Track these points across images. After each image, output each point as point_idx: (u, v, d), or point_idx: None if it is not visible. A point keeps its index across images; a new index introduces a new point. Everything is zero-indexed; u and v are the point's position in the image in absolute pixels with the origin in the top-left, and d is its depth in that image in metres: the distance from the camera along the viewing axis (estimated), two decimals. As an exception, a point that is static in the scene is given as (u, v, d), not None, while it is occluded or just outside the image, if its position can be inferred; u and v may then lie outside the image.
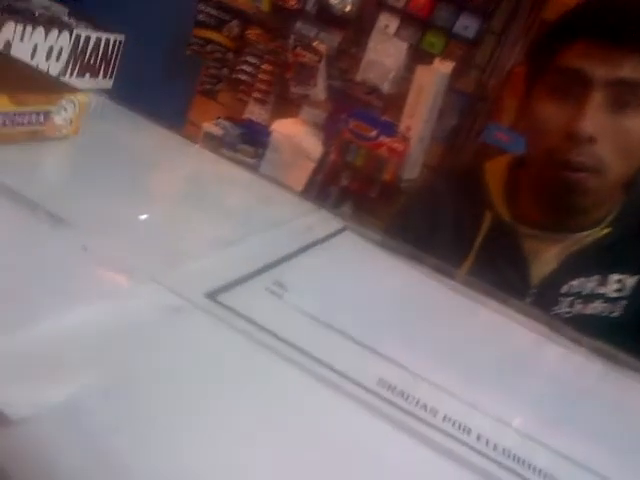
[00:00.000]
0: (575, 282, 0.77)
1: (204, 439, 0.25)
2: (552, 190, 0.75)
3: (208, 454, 0.25)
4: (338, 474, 0.27)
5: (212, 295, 0.35)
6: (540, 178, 0.77)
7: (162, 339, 0.31)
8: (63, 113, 0.44)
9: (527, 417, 0.36)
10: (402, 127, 1.91)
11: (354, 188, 2.13)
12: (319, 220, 0.53)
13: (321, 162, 2.36)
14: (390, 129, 1.92)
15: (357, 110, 2.06)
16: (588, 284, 0.77)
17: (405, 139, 1.87)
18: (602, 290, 0.77)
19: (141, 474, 0.23)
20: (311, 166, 2.31)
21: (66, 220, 0.37)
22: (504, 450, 0.32)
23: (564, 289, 0.76)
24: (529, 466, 0.31)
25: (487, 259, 0.77)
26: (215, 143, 2.34)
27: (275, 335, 0.33)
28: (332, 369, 0.32)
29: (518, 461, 0.31)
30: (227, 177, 0.61)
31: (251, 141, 2.46)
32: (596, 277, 0.77)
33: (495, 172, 0.84)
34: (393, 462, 0.29)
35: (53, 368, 0.26)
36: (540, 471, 0.31)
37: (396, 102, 2.03)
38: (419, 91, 1.88)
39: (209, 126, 2.52)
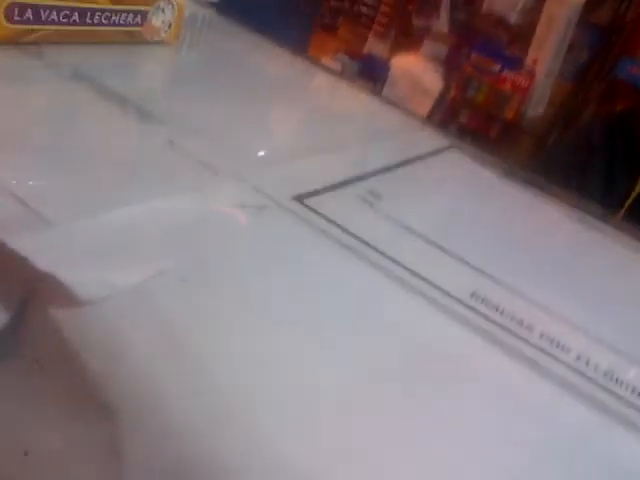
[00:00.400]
0: None
1: (279, 338, 0.24)
2: None
3: (282, 354, 0.23)
4: (427, 383, 0.25)
5: (300, 198, 0.33)
6: None
7: (244, 235, 0.30)
8: (161, 15, 0.43)
9: (632, 341, 0.33)
10: (528, 61, 1.81)
11: (473, 126, 2.05)
12: (425, 137, 0.50)
13: (440, 98, 2.28)
14: (515, 63, 1.82)
15: (480, 43, 1.97)
16: None
17: (530, 74, 1.77)
18: None
19: (213, 364, 0.22)
20: (430, 102, 2.25)
21: (156, 116, 0.37)
22: (605, 372, 0.29)
23: None
24: (633, 390, 0.28)
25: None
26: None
27: (365, 242, 0.31)
28: (423, 279, 0.30)
29: (621, 384, 0.28)
30: (333, 91, 0.58)
31: (370, 76, 2.41)
32: None
33: None
34: (485, 376, 0.27)
35: (130, 253, 0.25)
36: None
37: (523, 35, 1.92)
38: (549, 22, 1.76)
39: (327, 61, 2.48)
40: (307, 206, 0.33)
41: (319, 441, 0.21)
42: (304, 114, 0.49)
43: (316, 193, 0.35)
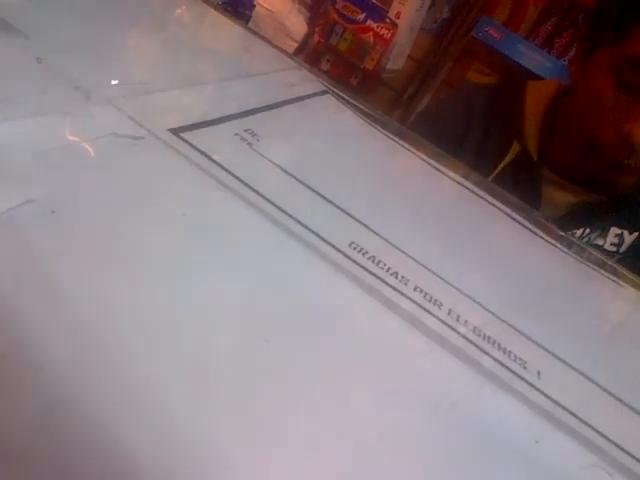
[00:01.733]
0: (578, 231, 0.74)
1: (150, 278, 0.23)
2: (590, 164, 0.70)
3: (153, 295, 0.22)
4: (302, 330, 0.24)
5: (176, 131, 0.31)
6: (580, 145, 0.71)
7: (117, 166, 0.27)
8: None
9: (503, 301, 0.34)
10: (392, 13, 1.82)
11: (335, 73, 2.05)
12: (301, 79, 0.49)
13: (303, 43, 2.26)
14: (379, 13, 1.83)
15: (347, -11, 1.96)
16: (589, 234, 0.74)
17: (394, 26, 1.79)
18: (600, 242, 0.75)
19: (81, 300, 0.20)
20: (293, 46, 2.22)
21: (22, 31, 0.33)
22: (475, 328, 0.30)
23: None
24: (499, 346, 0.29)
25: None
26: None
27: (241, 180, 0.30)
28: (299, 222, 0.29)
29: (488, 340, 0.29)
30: (208, 22, 0.55)
31: (234, 13, 2.34)
32: (598, 229, 0.74)
33: (536, 99, 0.77)
34: (359, 324, 0.27)
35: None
36: (510, 353, 0.29)
37: (389, -14, 1.93)
38: (414, -23, 1.78)
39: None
40: (184, 139, 0.31)
41: (198, 391, 0.19)
42: (177, 43, 0.46)
43: (193, 127, 0.33)
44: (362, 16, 1.89)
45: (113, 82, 0.34)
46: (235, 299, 0.24)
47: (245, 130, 0.35)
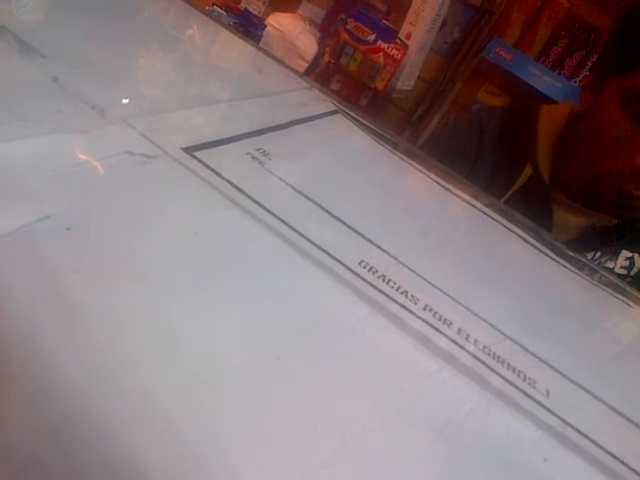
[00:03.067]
0: (589, 255, 0.74)
1: (164, 295, 0.23)
2: (601, 190, 0.71)
3: (167, 312, 0.22)
4: (312, 347, 0.25)
5: (189, 150, 0.32)
6: (592, 170, 0.71)
7: (132, 184, 0.28)
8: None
9: (512, 320, 0.34)
10: (402, 34, 1.84)
11: (345, 93, 2.06)
12: (312, 99, 0.50)
13: (313, 63, 2.28)
14: (390, 34, 1.84)
15: (357, 11, 1.97)
16: (600, 257, 0.74)
17: (404, 47, 1.80)
18: (610, 265, 0.74)
19: (95, 317, 0.20)
20: (303, 66, 2.24)
21: (38, 50, 0.33)
22: (484, 347, 0.30)
23: None
24: (508, 366, 0.30)
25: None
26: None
27: (253, 199, 0.30)
28: (310, 240, 0.30)
29: (497, 359, 0.29)
30: (220, 41, 0.56)
31: (245, 33, 2.36)
32: (609, 252, 0.74)
33: (549, 122, 0.77)
34: (368, 342, 0.27)
35: (10, 194, 0.23)
36: (519, 372, 0.29)
37: (399, 7, 1.95)
38: (424, -2, 1.79)
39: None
40: (197, 158, 0.31)
41: (203, 403, 0.20)
42: (190, 62, 0.47)
43: (206, 146, 0.33)
44: (373, 37, 1.90)
45: (125, 101, 0.34)
46: (246, 316, 0.24)
47: (257, 149, 0.36)
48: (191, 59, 0.47)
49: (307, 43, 2.35)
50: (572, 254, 0.48)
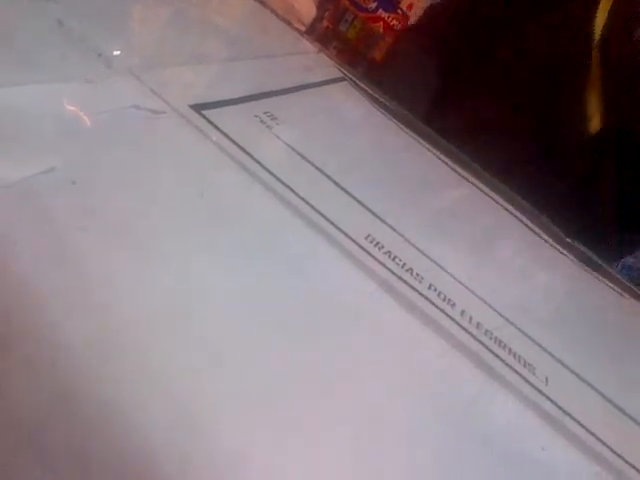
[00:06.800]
0: None
1: (165, 256, 0.22)
2: None
3: (171, 270, 0.21)
4: (314, 321, 0.24)
5: (198, 108, 0.31)
6: None
7: (138, 141, 0.27)
8: None
9: (515, 305, 0.34)
10: (404, 4, 1.81)
11: (341, 60, 2.03)
12: (319, 63, 0.48)
13: (312, 27, 2.24)
14: (391, 3, 1.81)
15: (361, -23, 1.94)
16: None
17: (405, 17, 1.77)
18: None
19: (98, 279, 0.20)
20: (301, 30, 2.20)
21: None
22: (486, 331, 0.29)
23: None
24: (509, 350, 0.29)
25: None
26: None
27: (261, 164, 0.29)
28: (317, 211, 0.29)
29: (499, 344, 0.29)
30: (230, 3, 0.55)
31: (243, -9, 2.31)
32: None
33: None
34: (372, 318, 0.26)
35: (13, 141, 0.22)
36: (520, 357, 0.29)
37: (403, -23, 1.91)
38: (429, -31, 1.77)
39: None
40: (205, 117, 0.30)
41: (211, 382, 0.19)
42: (198, 18, 0.45)
43: (214, 105, 0.32)
44: (374, 5, 1.87)
45: (132, 51, 0.33)
46: (251, 284, 0.23)
47: (264, 112, 0.35)
48: (199, 13, 0.46)
49: (306, 6, 2.31)
50: (569, 240, 0.47)
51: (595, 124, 0.66)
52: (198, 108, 0.30)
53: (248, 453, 0.17)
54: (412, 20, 1.80)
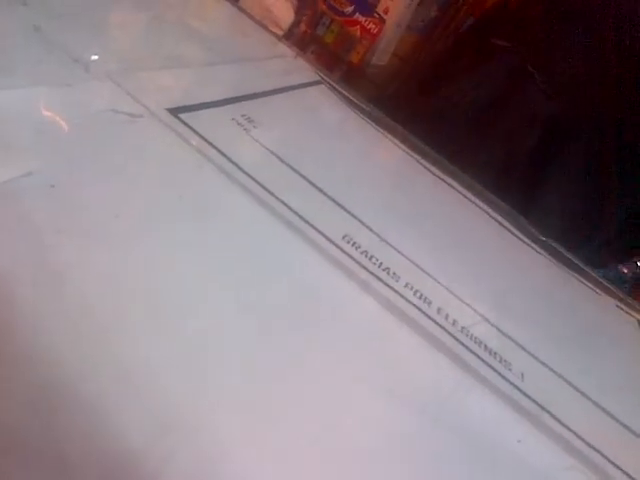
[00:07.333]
0: None
1: (144, 256, 0.22)
2: None
3: (149, 270, 0.22)
4: (293, 319, 0.24)
5: (175, 111, 0.31)
6: None
7: (116, 144, 0.27)
8: None
9: (490, 303, 0.34)
10: (380, 8, 1.82)
11: (319, 64, 2.04)
12: (296, 67, 0.49)
13: (289, 32, 2.24)
14: (368, 8, 1.81)
15: (337, -19, 1.94)
16: None
17: (381, 21, 1.78)
18: None
19: (76, 278, 0.20)
20: (278, 34, 2.20)
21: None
22: (462, 328, 0.30)
23: None
24: (485, 347, 0.30)
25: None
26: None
27: (238, 167, 0.30)
28: (294, 212, 0.29)
29: (475, 341, 0.30)
30: (208, 7, 0.55)
31: (219, -5, 2.31)
32: None
33: None
34: (349, 317, 0.26)
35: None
36: (495, 354, 0.30)
37: (379, -20, 1.92)
38: (404, -27, 1.78)
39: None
40: (182, 121, 0.30)
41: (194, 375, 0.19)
42: (174, 22, 0.45)
43: (191, 108, 0.32)
44: (351, 9, 1.88)
45: (108, 55, 0.33)
46: (231, 284, 0.24)
47: (242, 115, 0.35)
48: (176, 17, 0.46)
49: (284, 10, 2.31)
50: (543, 238, 0.48)
51: None
52: (175, 112, 0.31)
53: (232, 452, 0.18)
54: (389, 24, 1.81)
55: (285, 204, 0.29)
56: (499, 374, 0.28)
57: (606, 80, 0.68)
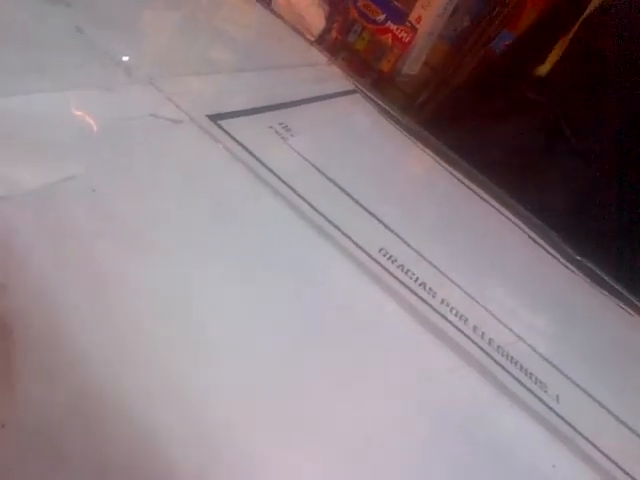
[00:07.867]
0: None
1: (188, 262, 0.22)
2: None
3: (189, 278, 0.21)
4: (329, 332, 0.24)
5: (214, 118, 0.31)
6: None
7: (157, 150, 0.27)
8: None
9: (525, 322, 0.34)
10: (413, 17, 1.81)
11: (349, 72, 2.04)
12: (331, 75, 0.49)
13: (320, 38, 2.25)
14: (400, 16, 1.81)
15: (370, -11, 1.94)
16: None
17: (413, 30, 1.78)
18: None
19: (116, 283, 0.20)
20: (310, 40, 2.20)
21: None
22: (498, 347, 0.29)
23: None
24: (521, 367, 0.29)
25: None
26: None
27: (277, 176, 0.29)
28: (333, 224, 0.29)
29: (511, 360, 0.29)
30: (242, 11, 0.55)
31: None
32: None
33: None
34: (385, 331, 0.26)
35: (35, 148, 0.22)
36: (531, 375, 0.29)
37: (412, -11, 1.92)
38: (438, -17, 1.77)
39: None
40: (221, 127, 0.30)
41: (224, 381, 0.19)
42: (215, 26, 0.45)
43: (230, 115, 0.32)
44: (382, 17, 1.88)
45: (150, 60, 0.33)
46: (267, 295, 0.23)
47: (279, 124, 0.35)
48: (209, 19, 0.46)
49: (315, 17, 2.31)
50: (578, 257, 0.47)
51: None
52: (215, 118, 0.31)
53: (262, 462, 0.17)
54: (421, 32, 1.80)
55: (322, 214, 0.29)
56: (535, 395, 0.28)
57: None
